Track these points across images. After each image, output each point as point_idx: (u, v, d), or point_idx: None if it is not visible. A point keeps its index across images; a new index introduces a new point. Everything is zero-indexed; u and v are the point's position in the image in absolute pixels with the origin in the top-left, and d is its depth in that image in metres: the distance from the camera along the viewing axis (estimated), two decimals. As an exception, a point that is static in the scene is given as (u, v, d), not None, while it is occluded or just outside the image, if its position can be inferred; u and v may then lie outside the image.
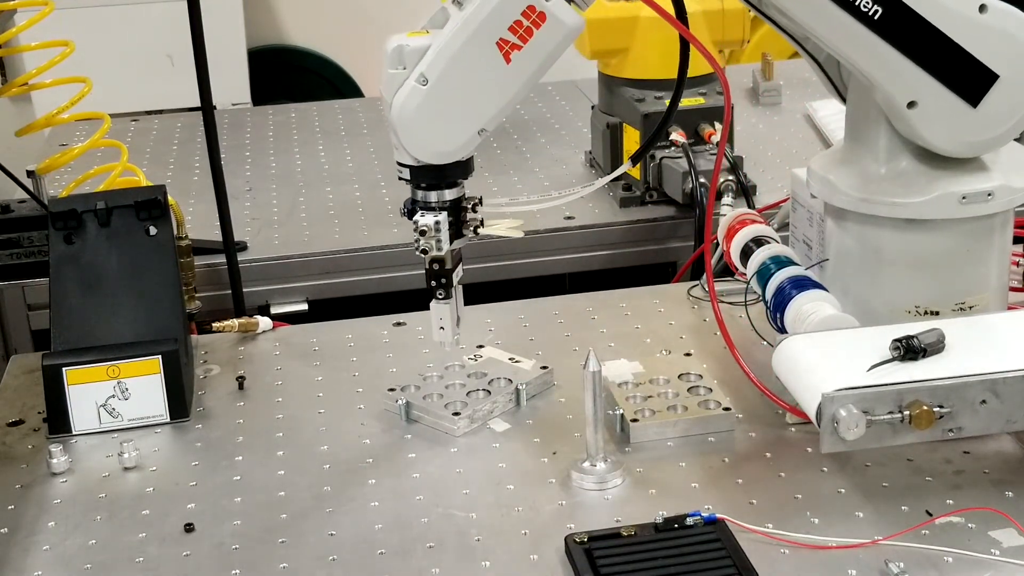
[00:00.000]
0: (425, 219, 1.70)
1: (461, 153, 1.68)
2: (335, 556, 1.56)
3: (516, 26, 1.59)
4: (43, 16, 2.34)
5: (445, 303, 1.75)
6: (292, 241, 2.63)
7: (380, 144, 3.21)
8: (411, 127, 1.64)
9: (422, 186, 1.70)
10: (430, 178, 1.69)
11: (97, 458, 1.81)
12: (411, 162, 1.68)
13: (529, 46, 1.60)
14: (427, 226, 1.69)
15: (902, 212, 1.72)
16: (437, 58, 1.61)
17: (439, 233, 1.70)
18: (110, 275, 1.96)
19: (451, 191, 1.71)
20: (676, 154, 2.61)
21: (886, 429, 1.49)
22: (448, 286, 1.73)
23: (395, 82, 1.63)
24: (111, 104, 2.68)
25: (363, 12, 5.42)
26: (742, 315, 1.95)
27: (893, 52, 1.64)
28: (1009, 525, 1.52)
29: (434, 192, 1.70)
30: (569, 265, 2.64)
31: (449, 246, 1.71)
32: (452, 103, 1.63)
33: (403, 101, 1.62)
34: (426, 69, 1.61)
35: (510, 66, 1.61)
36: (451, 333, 1.77)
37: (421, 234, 1.70)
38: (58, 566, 1.57)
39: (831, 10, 1.61)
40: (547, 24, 1.59)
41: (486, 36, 1.60)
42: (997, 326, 1.68)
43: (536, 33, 1.60)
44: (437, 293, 1.74)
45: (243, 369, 2.04)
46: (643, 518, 1.55)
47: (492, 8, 1.59)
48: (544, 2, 1.58)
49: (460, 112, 1.64)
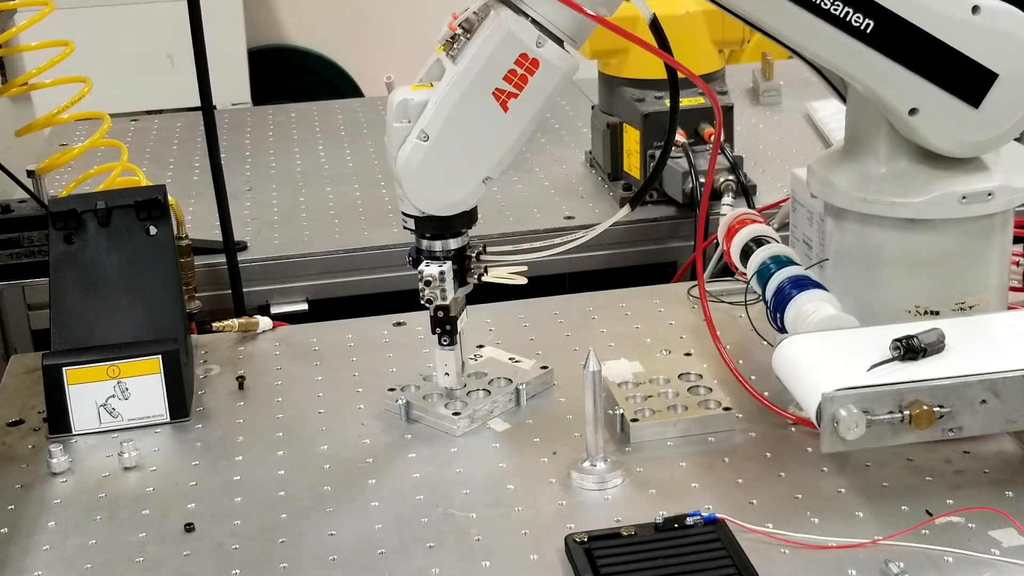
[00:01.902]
0: (430, 269, 1.72)
1: (466, 204, 1.70)
2: (335, 556, 1.56)
3: (511, 75, 1.60)
4: (43, 16, 2.34)
5: (450, 350, 1.77)
6: (292, 241, 2.63)
7: (380, 144, 3.18)
8: (415, 181, 1.66)
9: (427, 236, 1.72)
10: (435, 228, 1.71)
11: (97, 458, 1.81)
12: (416, 213, 1.70)
13: (525, 93, 1.61)
14: (432, 276, 1.71)
15: (902, 212, 1.72)
16: (436, 114, 1.62)
17: (444, 283, 1.72)
18: (110, 275, 1.96)
19: (455, 240, 1.73)
20: (676, 154, 2.61)
21: (886, 429, 1.49)
22: (453, 332, 1.76)
23: (399, 136, 1.65)
24: (111, 104, 2.68)
25: (363, 12, 5.42)
26: (742, 315, 1.95)
27: (889, 63, 1.64)
28: (1009, 525, 1.52)
29: (439, 242, 1.72)
30: (569, 265, 2.64)
31: (454, 294, 1.73)
32: (454, 156, 1.64)
33: (407, 157, 1.64)
34: (426, 125, 1.63)
35: (508, 114, 1.62)
36: (456, 378, 1.80)
37: (426, 284, 1.72)
38: (58, 566, 1.57)
39: (823, 28, 1.61)
40: (541, 70, 1.60)
41: (482, 88, 1.61)
42: (997, 326, 1.68)
43: (531, 80, 1.60)
44: (442, 340, 1.76)
45: (243, 369, 2.04)
46: (643, 518, 1.55)
47: (486, 60, 1.60)
48: (536, 49, 1.59)
49: (463, 164, 1.66)
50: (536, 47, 1.59)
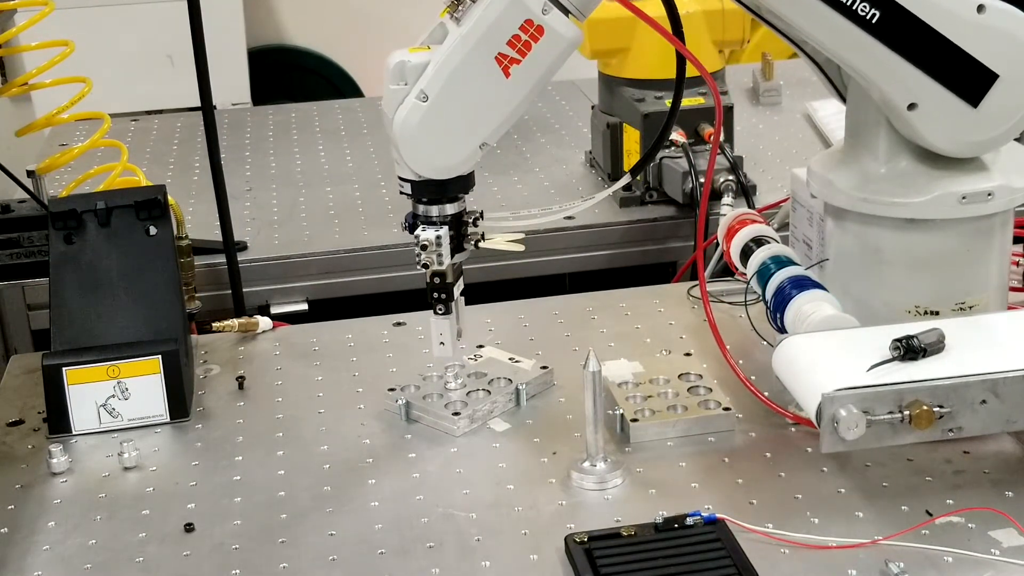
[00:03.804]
0: (426, 233, 1.70)
1: (462, 168, 1.69)
2: (335, 556, 1.56)
3: (515, 40, 1.60)
4: (43, 16, 2.34)
5: (445, 318, 1.76)
6: (292, 241, 2.63)
7: (380, 144, 3.21)
8: (412, 143, 1.65)
9: (423, 200, 1.71)
10: (431, 193, 1.70)
11: (97, 458, 1.81)
12: (412, 177, 1.69)
13: (528, 60, 1.60)
14: (428, 240, 1.70)
15: (902, 212, 1.72)
16: (437, 74, 1.61)
17: (440, 248, 1.71)
18: (110, 275, 1.96)
19: (452, 205, 1.72)
20: (676, 154, 2.61)
21: (886, 429, 1.49)
22: (448, 300, 1.74)
23: (396, 98, 1.63)
24: (111, 104, 2.68)
25: (363, 12, 5.42)
26: (742, 315, 1.95)
27: (891, 55, 1.64)
28: (1009, 525, 1.52)
29: (435, 206, 1.71)
30: (569, 265, 2.65)
31: (450, 260, 1.72)
32: (452, 118, 1.63)
33: (404, 117, 1.63)
34: (426, 85, 1.62)
35: (509, 80, 1.61)
36: (451, 348, 1.78)
37: (422, 248, 1.71)
38: (58, 566, 1.57)
39: (828, 15, 1.61)
40: (545, 37, 1.59)
41: (485, 51, 1.60)
42: (997, 326, 1.68)
43: (535, 47, 1.60)
44: (437, 308, 1.75)
45: (243, 369, 2.04)
46: (643, 518, 1.55)
47: (490, 23, 1.59)
48: (542, 16, 1.58)
49: (461, 127, 1.65)
50: (542, 14, 1.58)
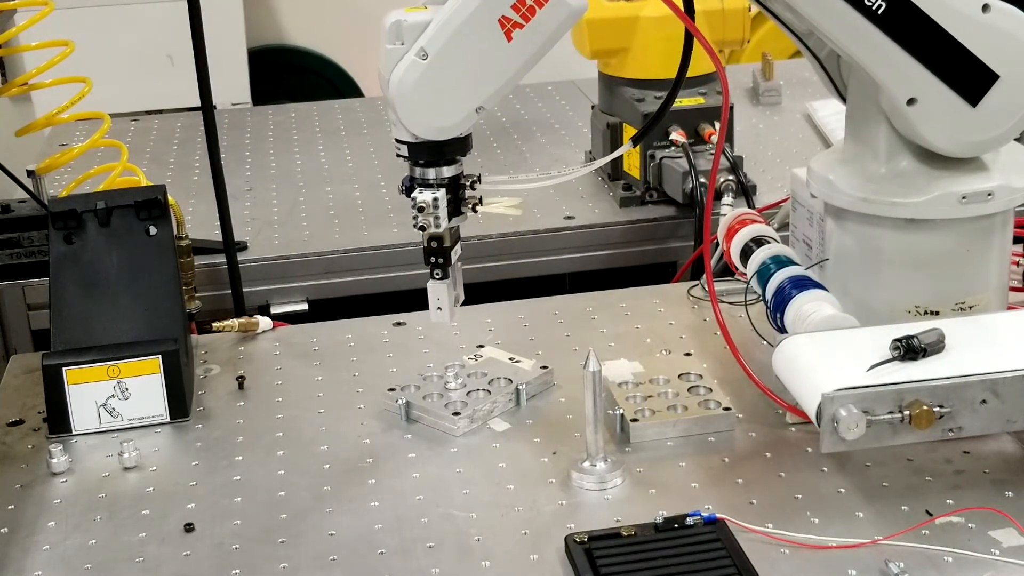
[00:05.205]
0: (423, 195, 1.68)
1: (458, 129, 1.67)
2: (335, 556, 1.56)
3: (519, 4, 1.59)
4: (43, 16, 2.34)
5: (442, 283, 1.73)
6: (292, 241, 2.63)
7: (380, 144, 3.21)
8: (409, 102, 1.63)
9: (420, 163, 1.70)
10: (428, 155, 1.68)
11: (97, 458, 1.81)
12: (409, 138, 1.67)
13: (531, 25, 1.60)
14: (425, 202, 1.68)
15: (902, 212, 1.72)
16: (438, 33, 1.60)
17: (437, 210, 1.69)
18: (110, 275, 1.96)
19: (449, 168, 1.70)
20: (676, 154, 2.61)
21: (886, 429, 1.49)
22: (446, 265, 1.72)
23: (393, 57, 1.62)
24: (111, 104, 2.68)
25: (363, 12, 5.39)
26: (742, 315, 1.95)
27: (894, 47, 1.64)
28: (1009, 525, 1.52)
29: (432, 169, 1.70)
30: (569, 265, 2.64)
31: (448, 223, 1.71)
32: (451, 79, 1.62)
33: (401, 75, 1.62)
34: (426, 43, 1.60)
35: (511, 44, 1.60)
36: (448, 314, 1.75)
37: (419, 210, 1.69)
38: (58, 566, 1.57)
39: (835, 3, 1.62)
40: (550, 4, 1.59)
41: (488, 13, 1.59)
42: (997, 326, 1.68)
43: (539, 12, 1.59)
44: (434, 272, 1.73)
45: (243, 369, 2.04)
46: (643, 518, 1.55)
47: None
48: None
49: (459, 88, 1.63)
50: None
